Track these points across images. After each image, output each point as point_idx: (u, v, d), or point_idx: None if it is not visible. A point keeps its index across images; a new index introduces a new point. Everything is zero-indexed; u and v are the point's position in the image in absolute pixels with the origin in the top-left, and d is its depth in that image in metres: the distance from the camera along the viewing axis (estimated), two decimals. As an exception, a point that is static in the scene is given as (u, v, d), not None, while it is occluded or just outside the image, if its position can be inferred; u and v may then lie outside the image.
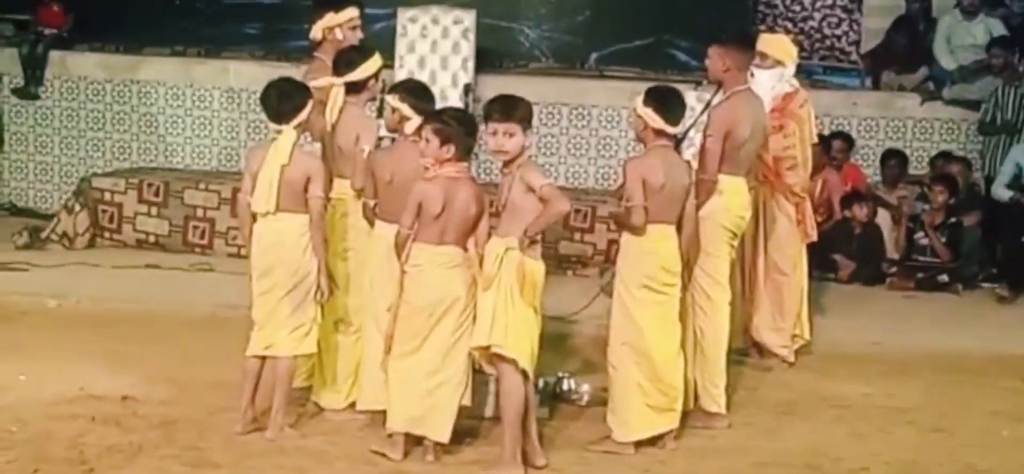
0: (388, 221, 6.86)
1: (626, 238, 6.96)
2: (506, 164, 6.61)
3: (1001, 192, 11.74)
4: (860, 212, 11.85)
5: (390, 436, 6.70)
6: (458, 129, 6.63)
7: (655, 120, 6.90)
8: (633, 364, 6.91)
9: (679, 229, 7.01)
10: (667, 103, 6.94)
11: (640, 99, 7.00)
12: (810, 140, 8.85)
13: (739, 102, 7.64)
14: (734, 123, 7.55)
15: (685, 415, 7.22)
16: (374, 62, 7.42)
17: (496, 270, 6.51)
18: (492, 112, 6.62)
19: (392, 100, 7.07)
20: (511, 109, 6.59)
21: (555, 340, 8.71)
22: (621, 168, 7.27)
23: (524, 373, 6.56)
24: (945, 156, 12.46)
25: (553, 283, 9.71)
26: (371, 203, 7.04)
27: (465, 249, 6.65)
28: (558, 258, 11.12)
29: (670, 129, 6.93)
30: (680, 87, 7.52)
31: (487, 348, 6.55)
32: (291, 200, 6.83)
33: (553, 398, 7.60)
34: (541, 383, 7.40)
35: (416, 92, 7.16)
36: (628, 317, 6.92)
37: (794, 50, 8.95)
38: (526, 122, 6.58)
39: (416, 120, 6.87)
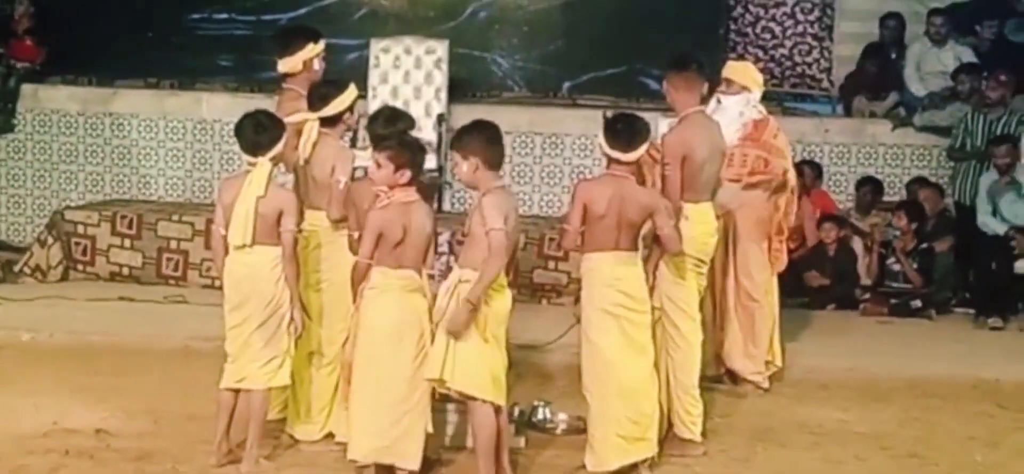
0: None
1: (584, 265, 6.97)
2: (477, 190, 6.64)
3: (991, 223, 11.57)
4: (829, 233, 11.88)
5: (361, 469, 6.69)
6: (410, 154, 6.66)
7: (604, 147, 6.94)
8: (601, 391, 6.89)
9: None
10: (616, 131, 6.95)
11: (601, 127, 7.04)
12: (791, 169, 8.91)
13: (690, 124, 7.57)
14: (689, 146, 7.47)
15: (660, 443, 7.22)
16: (348, 95, 7.42)
17: (448, 302, 6.51)
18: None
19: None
20: (456, 137, 6.72)
21: (530, 369, 8.73)
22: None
23: (494, 403, 6.55)
24: (921, 182, 12.50)
25: (528, 312, 9.80)
26: (355, 235, 7.03)
27: (420, 273, 6.66)
28: (532, 287, 11.12)
29: (621, 156, 6.90)
30: (651, 115, 7.53)
31: (441, 381, 6.54)
32: (265, 233, 6.82)
33: (529, 427, 7.60)
34: (516, 412, 7.40)
35: (392, 120, 7.21)
36: (590, 342, 6.92)
37: (759, 76, 8.98)
38: (472, 152, 6.57)
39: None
